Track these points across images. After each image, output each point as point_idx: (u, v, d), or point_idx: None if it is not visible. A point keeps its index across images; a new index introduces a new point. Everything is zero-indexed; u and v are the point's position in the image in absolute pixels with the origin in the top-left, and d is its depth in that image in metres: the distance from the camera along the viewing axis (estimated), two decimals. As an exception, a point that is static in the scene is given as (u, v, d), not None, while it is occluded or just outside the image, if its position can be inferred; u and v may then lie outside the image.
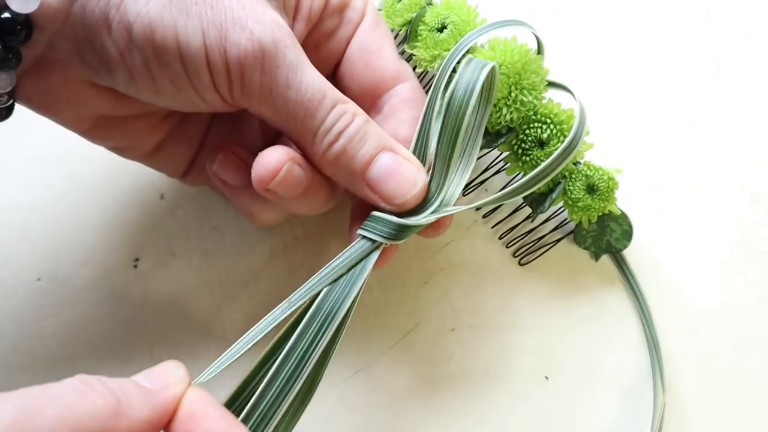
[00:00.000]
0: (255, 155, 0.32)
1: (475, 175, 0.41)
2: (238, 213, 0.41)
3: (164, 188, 0.41)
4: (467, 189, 0.42)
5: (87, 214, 0.41)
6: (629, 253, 0.41)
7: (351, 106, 0.32)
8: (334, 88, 0.32)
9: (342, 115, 0.31)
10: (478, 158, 0.41)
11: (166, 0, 0.28)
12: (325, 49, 0.36)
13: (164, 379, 0.28)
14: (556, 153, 0.35)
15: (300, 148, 0.33)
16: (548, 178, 0.36)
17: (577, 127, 0.35)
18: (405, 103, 0.36)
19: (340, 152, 0.32)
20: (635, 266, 0.41)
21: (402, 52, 0.40)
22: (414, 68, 0.39)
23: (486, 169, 0.41)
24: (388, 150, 0.32)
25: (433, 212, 0.33)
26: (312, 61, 0.34)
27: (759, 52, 0.46)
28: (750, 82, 0.46)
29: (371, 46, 0.36)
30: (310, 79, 0.31)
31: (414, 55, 0.39)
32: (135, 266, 0.40)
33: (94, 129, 0.33)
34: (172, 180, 0.40)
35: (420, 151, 0.34)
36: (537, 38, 0.38)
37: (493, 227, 0.42)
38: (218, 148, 0.35)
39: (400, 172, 0.32)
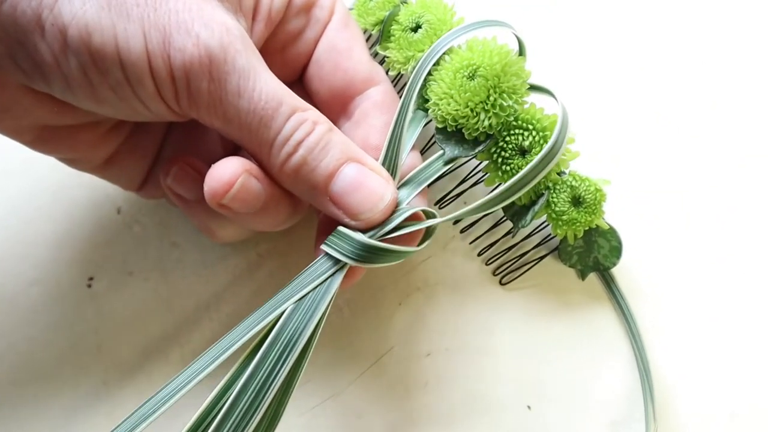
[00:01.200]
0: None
1: (452, 186, 0.38)
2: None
3: (121, 202, 0.39)
4: (443, 201, 0.39)
5: (37, 230, 0.39)
6: (618, 271, 0.38)
7: (312, 114, 0.30)
8: (294, 94, 0.30)
9: (301, 124, 0.29)
10: (455, 168, 0.38)
11: (105, 1, 0.26)
12: (291, 51, 0.34)
13: None
14: (536, 159, 0.32)
15: (257, 160, 0.30)
16: (528, 187, 0.33)
17: (559, 131, 0.33)
18: (377, 107, 0.34)
19: (300, 164, 0.29)
20: (625, 285, 0.38)
21: (375, 54, 0.38)
22: (387, 71, 0.37)
23: (463, 180, 0.38)
24: (353, 161, 0.30)
25: (399, 227, 0.31)
26: (278, 64, 0.32)
27: (751, 56, 0.44)
28: (742, 85, 0.43)
29: (340, 47, 0.34)
30: (265, 86, 0.28)
31: (387, 57, 0.37)
32: (89, 285, 0.38)
33: (38, 140, 0.31)
34: (129, 193, 0.38)
35: (390, 162, 0.32)
36: (518, 39, 0.35)
37: (471, 243, 0.39)
38: (173, 160, 0.32)
39: (366, 185, 0.30)
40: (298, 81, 0.36)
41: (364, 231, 0.30)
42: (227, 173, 0.29)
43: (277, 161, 0.29)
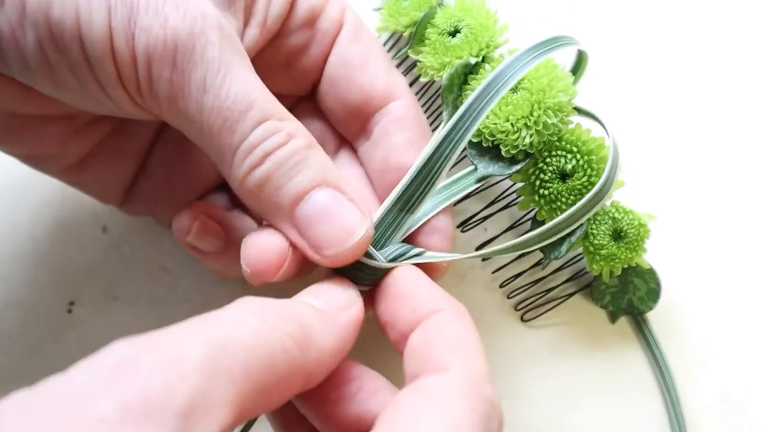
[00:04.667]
0: (206, 192, 0.31)
1: (478, 209, 0.35)
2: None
3: (107, 220, 0.36)
4: (466, 225, 0.35)
5: (14, 249, 0.35)
6: (652, 317, 0.35)
7: (289, 126, 0.26)
8: (276, 101, 0.26)
9: (273, 134, 0.26)
10: (485, 188, 0.35)
11: None
12: (298, 66, 0.31)
13: (337, 300, 0.26)
14: (585, 199, 0.29)
15: (219, 169, 0.27)
16: (570, 229, 0.30)
17: (611, 168, 0.30)
18: (398, 123, 0.31)
19: (264, 179, 0.26)
20: (658, 331, 0.35)
21: (405, 58, 0.35)
22: (417, 77, 0.33)
23: (492, 203, 0.35)
24: (328, 186, 0.26)
25: (396, 258, 0.28)
26: (284, 81, 0.30)
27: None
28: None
29: (354, 61, 0.31)
30: (235, 84, 0.25)
31: (419, 62, 0.34)
32: (69, 311, 0.35)
33: (1, 129, 0.28)
34: (117, 211, 0.34)
35: (416, 193, 0.29)
36: (581, 54, 0.32)
37: (494, 272, 0.35)
38: (186, 211, 0.30)
39: (337, 216, 0.26)
40: (309, 98, 0.33)
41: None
42: (274, 252, 0.27)
43: (238, 172, 0.26)
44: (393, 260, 0.28)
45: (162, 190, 0.32)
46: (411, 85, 0.35)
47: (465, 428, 0.21)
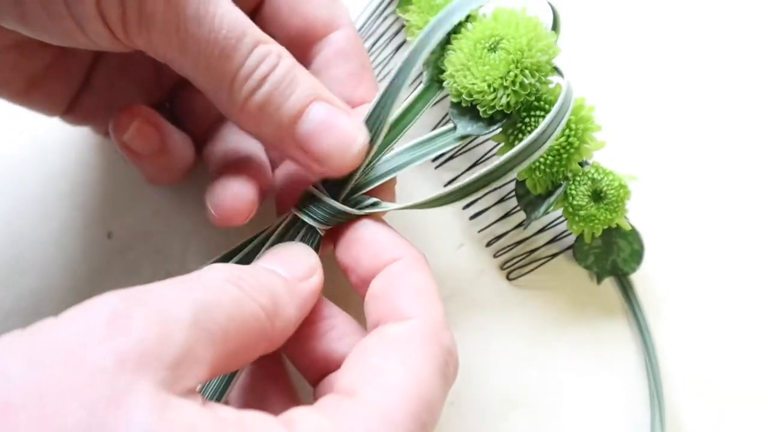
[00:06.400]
0: (151, 100, 0.30)
1: (464, 168, 0.35)
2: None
3: (112, 225, 0.35)
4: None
5: (18, 253, 0.34)
6: (636, 278, 0.35)
7: (275, 47, 0.27)
8: (255, 26, 0.27)
9: (266, 57, 0.26)
10: (469, 149, 0.35)
11: None
12: None
13: (300, 268, 0.27)
14: (542, 124, 0.28)
15: (213, 98, 0.27)
16: (527, 163, 0.29)
17: (556, 112, 0.29)
18: (339, 55, 0.31)
19: (264, 101, 0.27)
20: (642, 293, 0.35)
21: (396, 19, 0.35)
22: (405, 39, 0.34)
23: (475, 164, 0.35)
24: (322, 100, 0.27)
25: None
26: None
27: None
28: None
29: None
30: (227, 13, 0.25)
31: (406, 22, 0.34)
32: None
33: None
34: (123, 216, 0.35)
35: (376, 121, 0.29)
36: (553, 11, 0.32)
37: (480, 231, 0.36)
38: (125, 111, 0.29)
39: (337, 127, 0.27)
40: None
41: (333, 183, 0.29)
42: (245, 203, 0.28)
43: (239, 97, 0.27)
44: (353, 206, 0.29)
45: (103, 104, 0.32)
46: (399, 48, 0.36)
47: (425, 373, 0.23)
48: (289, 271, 0.27)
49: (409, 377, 0.23)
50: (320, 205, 0.29)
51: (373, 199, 0.30)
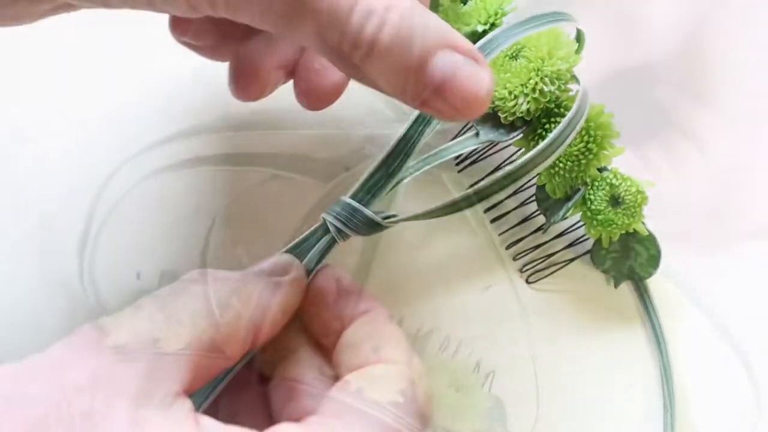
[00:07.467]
0: None
1: (479, 178, 0.36)
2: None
3: (142, 265, 0.35)
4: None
5: (50, 292, 0.34)
6: (652, 283, 0.36)
7: None
8: None
9: None
10: (490, 154, 0.36)
11: None
12: None
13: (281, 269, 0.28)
14: (557, 129, 0.30)
15: (325, 41, 0.22)
16: (543, 166, 0.30)
17: (573, 115, 0.30)
18: None
19: (393, 38, 0.22)
20: (658, 299, 0.35)
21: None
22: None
23: (495, 170, 0.36)
24: (447, 40, 0.23)
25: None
26: None
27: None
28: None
29: None
30: None
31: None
32: None
33: None
34: (153, 256, 0.35)
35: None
36: (578, 31, 0.33)
37: (500, 234, 0.36)
38: None
39: (465, 68, 0.23)
40: None
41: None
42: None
43: (360, 38, 0.22)
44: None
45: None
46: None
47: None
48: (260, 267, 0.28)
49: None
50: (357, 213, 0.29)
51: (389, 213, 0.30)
